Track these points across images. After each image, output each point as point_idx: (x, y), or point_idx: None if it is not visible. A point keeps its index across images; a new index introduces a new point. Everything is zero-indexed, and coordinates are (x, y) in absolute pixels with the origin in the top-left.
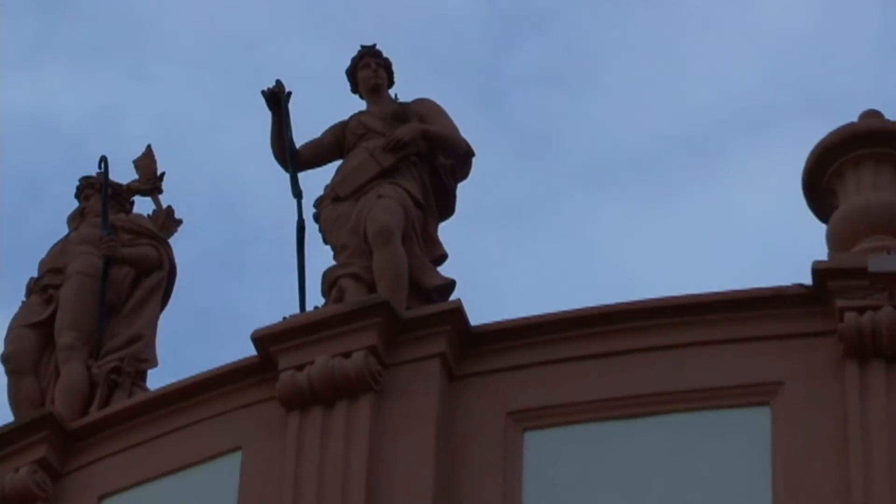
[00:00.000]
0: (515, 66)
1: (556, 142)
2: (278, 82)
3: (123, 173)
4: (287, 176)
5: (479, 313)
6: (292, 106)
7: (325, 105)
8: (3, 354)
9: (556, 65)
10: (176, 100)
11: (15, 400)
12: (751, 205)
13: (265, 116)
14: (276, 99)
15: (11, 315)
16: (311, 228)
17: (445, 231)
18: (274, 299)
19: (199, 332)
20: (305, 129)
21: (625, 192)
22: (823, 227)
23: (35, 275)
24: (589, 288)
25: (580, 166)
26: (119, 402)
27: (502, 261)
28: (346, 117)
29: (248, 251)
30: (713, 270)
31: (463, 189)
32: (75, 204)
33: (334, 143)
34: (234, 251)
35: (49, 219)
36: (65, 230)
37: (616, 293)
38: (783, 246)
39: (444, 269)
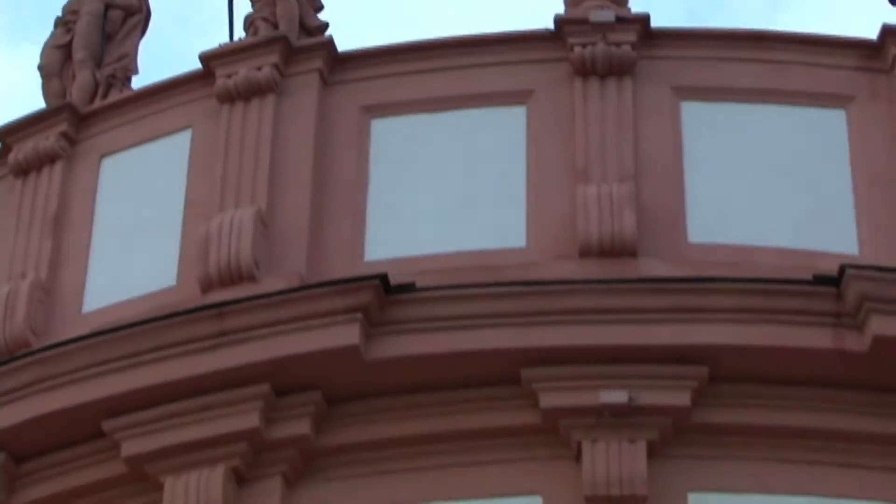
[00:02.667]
0: None
1: None
2: None
3: None
4: None
5: (343, 44)
6: None
7: None
8: (39, 65)
9: None
10: None
11: (47, 95)
12: None
13: None
14: None
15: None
16: None
17: None
18: (212, 34)
19: (164, 55)
20: None
21: None
22: None
23: (60, 15)
24: (412, 30)
25: None
26: (113, 96)
27: (359, 11)
28: None
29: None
30: (491, 22)
31: None
32: None
33: None
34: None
35: None
36: None
37: (427, 34)
38: (535, 4)
39: (322, 15)
